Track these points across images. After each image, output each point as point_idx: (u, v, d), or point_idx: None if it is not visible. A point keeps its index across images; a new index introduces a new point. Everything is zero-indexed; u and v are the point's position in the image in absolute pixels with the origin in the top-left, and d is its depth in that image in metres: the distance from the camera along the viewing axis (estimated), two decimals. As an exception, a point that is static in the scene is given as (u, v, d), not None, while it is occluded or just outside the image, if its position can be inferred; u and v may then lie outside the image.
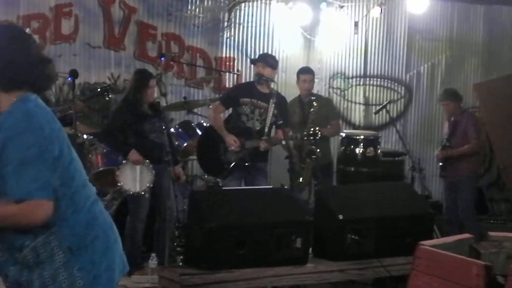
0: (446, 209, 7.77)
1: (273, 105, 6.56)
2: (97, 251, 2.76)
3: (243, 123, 6.68)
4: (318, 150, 7.08)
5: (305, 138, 6.69)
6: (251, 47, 8.81)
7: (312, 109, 7.07)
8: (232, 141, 6.54)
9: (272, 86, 6.79)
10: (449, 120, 7.72)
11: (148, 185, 6.07)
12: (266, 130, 6.68)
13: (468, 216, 7.55)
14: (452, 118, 7.63)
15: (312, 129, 6.68)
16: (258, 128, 6.68)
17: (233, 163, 6.59)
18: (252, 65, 7.26)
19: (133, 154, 6.07)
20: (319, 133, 6.67)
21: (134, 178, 6.08)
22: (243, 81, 8.44)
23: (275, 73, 6.88)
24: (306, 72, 7.59)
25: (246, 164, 6.59)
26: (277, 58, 8.73)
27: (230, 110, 6.92)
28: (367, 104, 9.50)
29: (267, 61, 6.75)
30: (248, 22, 8.82)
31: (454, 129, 7.58)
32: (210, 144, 6.71)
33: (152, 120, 6.27)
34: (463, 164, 7.50)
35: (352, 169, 7.68)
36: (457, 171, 7.51)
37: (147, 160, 6.11)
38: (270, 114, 6.62)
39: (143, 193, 6.09)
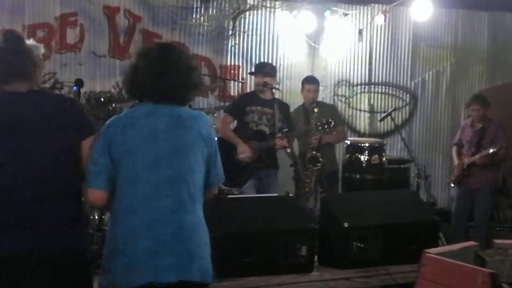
0: (456, 216, 7.65)
1: (278, 109, 6.66)
2: (117, 264, 2.98)
3: (251, 130, 6.79)
4: (321, 159, 7.10)
5: (320, 128, 6.77)
6: (256, 55, 8.83)
7: (313, 114, 7.11)
8: (245, 149, 6.63)
9: (276, 94, 6.90)
10: (472, 126, 7.62)
11: None
12: (276, 133, 6.76)
13: (484, 224, 7.46)
14: (480, 125, 7.55)
15: (324, 120, 6.77)
16: (268, 133, 6.79)
17: (249, 172, 6.67)
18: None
19: None
20: (332, 122, 6.72)
21: None
22: (248, 89, 8.47)
23: (275, 80, 7.06)
24: (311, 82, 7.58)
25: (261, 165, 6.66)
26: (281, 66, 8.84)
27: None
28: (372, 111, 9.50)
29: (265, 71, 6.92)
30: (252, 30, 8.84)
31: (481, 137, 7.49)
32: (224, 155, 6.74)
33: None
34: (488, 172, 7.41)
35: (357, 176, 7.66)
36: (481, 179, 7.41)
37: None
38: (277, 118, 6.71)
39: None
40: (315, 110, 7.19)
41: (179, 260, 2.97)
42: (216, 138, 6.95)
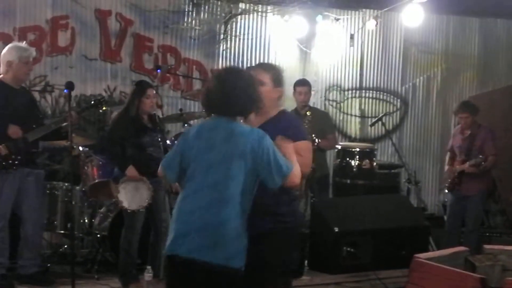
0: (450, 223, 7.60)
1: None
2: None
3: None
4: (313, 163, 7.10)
5: None
6: (247, 59, 8.82)
7: (306, 118, 7.12)
8: None
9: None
10: (462, 133, 7.59)
11: (147, 201, 6.00)
12: None
13: (475, 230, 7.44)
14: (469, 131, 7.49)
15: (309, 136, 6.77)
16: None
17: None
18: None
19: (130, 170, 5.99)
20: (316, 139, 6.75)
21: (132, 195, 6.00)
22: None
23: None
24: (302, 84, 7.61)
25: None
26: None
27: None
28: (363, 116, 9.51)
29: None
30: (244, 34, 8.84)
31: (471, 143, 7.45)
32: None
33: (152, 134, 6.22)
34: (478, 180, 7.32)
35: (348, 181, 7.68)
36: (472, 186, 7.33)
37: (144, 177, 6.03)
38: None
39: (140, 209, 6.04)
40: (308, 113, 7.20)
41: (212, 244, 3.59)
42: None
